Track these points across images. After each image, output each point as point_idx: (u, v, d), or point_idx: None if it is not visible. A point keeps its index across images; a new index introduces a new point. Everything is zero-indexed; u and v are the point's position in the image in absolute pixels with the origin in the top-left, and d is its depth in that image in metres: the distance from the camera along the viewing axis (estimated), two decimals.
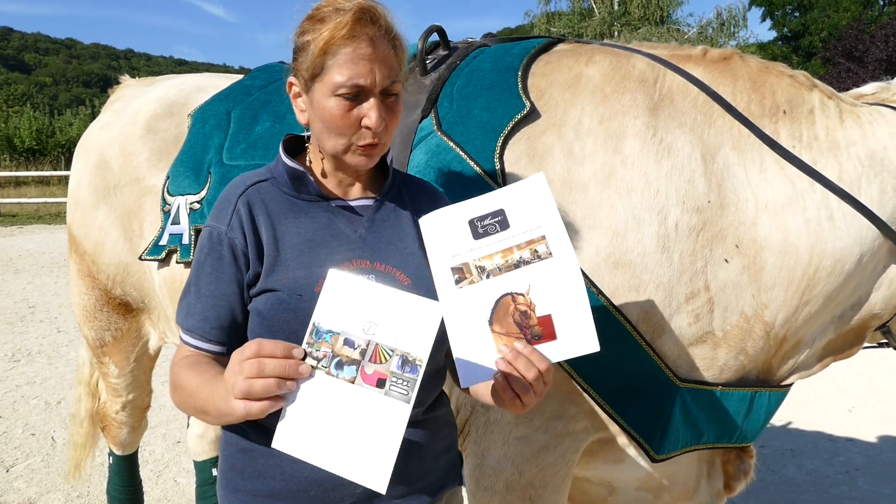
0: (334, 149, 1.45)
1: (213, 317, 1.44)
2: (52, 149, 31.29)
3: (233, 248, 1.45)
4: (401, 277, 1.48)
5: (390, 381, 1.21)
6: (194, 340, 1.46)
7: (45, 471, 4.24)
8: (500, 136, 1.92)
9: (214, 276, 1.45)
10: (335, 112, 1.40)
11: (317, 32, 1.40)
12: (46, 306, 8.46)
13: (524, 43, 2.19)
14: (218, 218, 1.48)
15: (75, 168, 2.83)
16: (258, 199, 1.49)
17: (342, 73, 1.38)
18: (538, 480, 1.93)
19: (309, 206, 1.51)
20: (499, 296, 1.37)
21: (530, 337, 1.34)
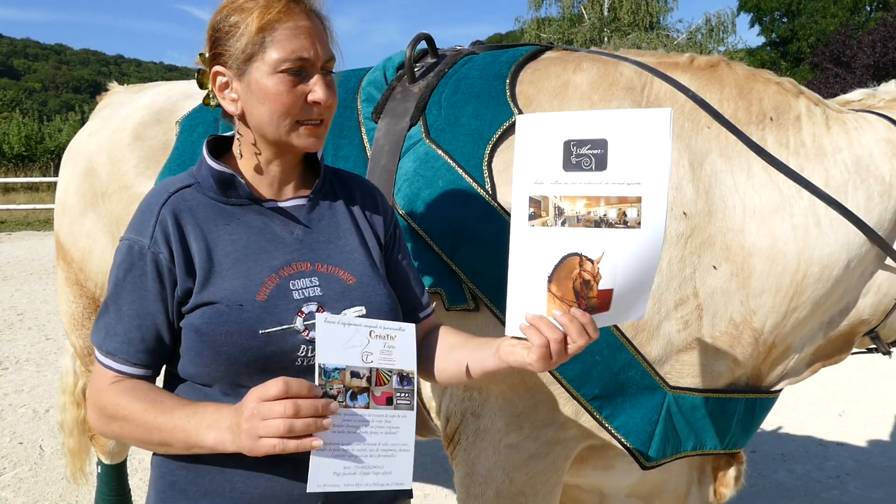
0: (278, 133, 1.37)
1: (137, 339, 1.35)
2: (42, 155, 31.13)
3: (157, 264, 1.35)
4: (345, 277, 1.43)
5: (396, 397, 1.34)
6: (117, 364, 1.35)
7: (34, 480, 4.20)
8: (489, 144, 1.92)
9: (137, 293, 1.35)
10: (280, 88, 1.33)
11: (247, 12, 1.34)
12: (35, 314, 8.41)
13: (512, 51, 2.19)
14: (139, 231, 1.37)
15: (63, 175, 2.81)
16: (184, 207, 1.39)
17: (284, 48, 1.33)
18: (528, 488, 1.92)
19: (240, 211, 1.42)
20: (568, 252, 1.26)
21: (585, 308, 1.26)
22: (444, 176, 1.92)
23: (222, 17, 1.37)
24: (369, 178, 2.01)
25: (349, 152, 2.09)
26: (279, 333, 1.33)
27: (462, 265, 1.85)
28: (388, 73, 2.23)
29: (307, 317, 1.36)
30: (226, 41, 1.36)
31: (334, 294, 1.41)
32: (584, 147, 1.26)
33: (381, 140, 2.05)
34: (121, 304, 1.36)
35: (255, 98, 1.36)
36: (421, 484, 4.23)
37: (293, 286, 1.38)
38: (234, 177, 1.41)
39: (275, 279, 1.37)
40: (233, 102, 1.40)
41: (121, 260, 1.37)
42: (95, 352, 1.38)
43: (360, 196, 1.57)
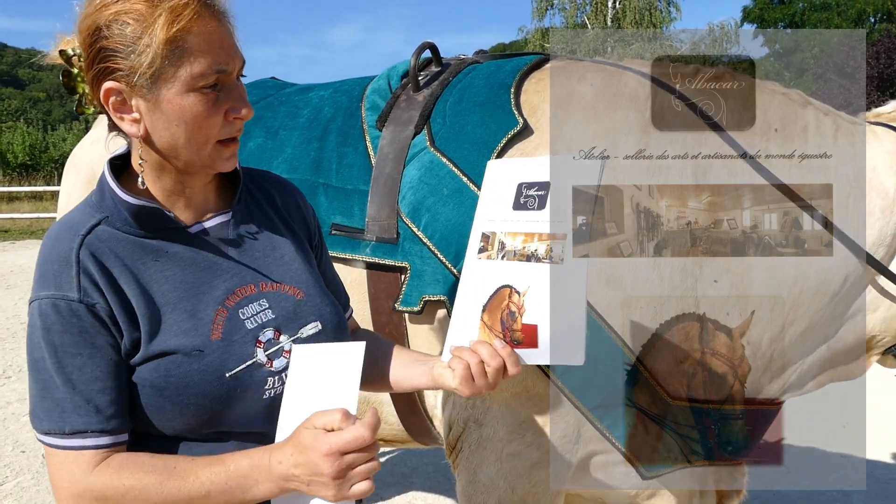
0: (198, 156, 1.20)
1: (105, 403, 1.15)
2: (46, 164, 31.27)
3: (95, 316, 1.15)
4: (292, 292, 1.31)
5: None
6: (91, 440, 1.14)
7: (36, 489, 4.20)
8: (494, 153, 1.92)
9: (86, 353, 1.14)
10: (199, 109, 1.15)
11: (147, 20, 1.11)
12: None
13: (516, 60, 2.19)
14: (58, 285, 1.14)
15: (65, 184, 2.82)
16: (102, 248, 1.18)
17: (200, 62, 1.14)
18: (530, 497, 1.92)
19: (163, 244, 1.23)
20: (501, 284, 1.31)
21: (509, 340, 1.30)
22: (448, 184, 1.92)
23: (108, 21, 1.13)
24: (373, 185, 2.01)
25: (353, 160, 2.10)
26: (245, 372, 1.22)
27: None
28: (392, 81, 2.23)
29: (266, 345, 1.25)
30: (120, 54, 1.13)
31: (287, 314, 1.30)
32: (533, 189, 1.29)
33: (386, 148, 2.05)
34: (69, 372, 1.14)
35: (168, 119, 1.16)
36: (423, 493, 4.22)
37: (243, 315, 1.25)
38: (160, 210, 1.22)
39: (223, 312, 1.23)
40: (134, 123, 1.18)
41: (49, 324, 1.14)
42: (50, 441, 1.15)
43: (281, 197, 1.44)
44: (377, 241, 1.98)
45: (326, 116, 2.23)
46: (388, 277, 1.98)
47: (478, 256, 1.36)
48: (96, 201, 1.24)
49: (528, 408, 1.88)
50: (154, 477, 1.15)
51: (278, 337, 1.27)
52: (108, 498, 1.14)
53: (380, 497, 4.15)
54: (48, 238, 1.21)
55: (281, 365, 1.27)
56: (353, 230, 2.02)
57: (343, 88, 2.34)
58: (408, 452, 4.70)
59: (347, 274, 2.01)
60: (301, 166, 2.15)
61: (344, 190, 2.07)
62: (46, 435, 1.16)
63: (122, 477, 1.14)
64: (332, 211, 2.06)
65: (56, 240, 1.19)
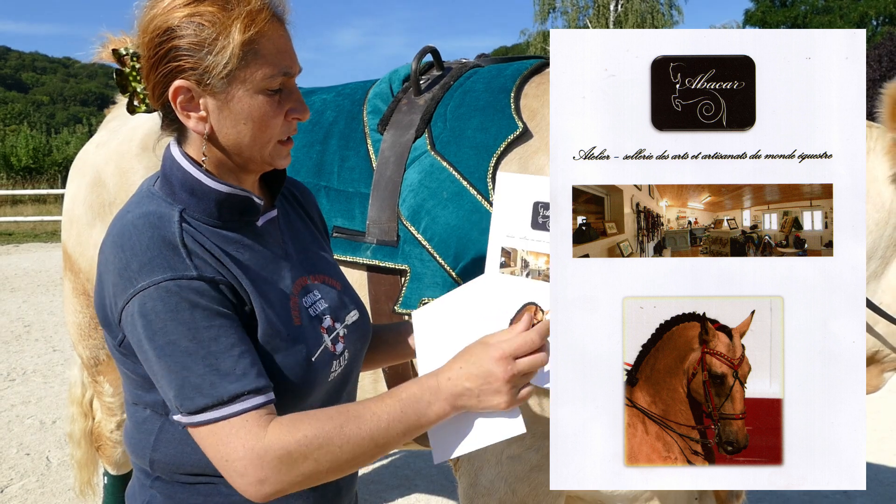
0: (261, 154, 1.26)
1: (248, 366, 1.15)
2: (49, 167, 31.30)
3: (217, 290, 1.17)
4: (333, 283, 1.40)
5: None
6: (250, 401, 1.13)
7: (40, 491, 4.21)
8: (493, 157, 1.93)
9: (217, 325, 1.15)
10: (266, 109, 1.22)
11: (224, 24, 1.17)
12: (42, 325, 8.43)
13: (517, 64, 2.21)
14: (172, 268, 1.15)
15: (70, 187, 2.84)
16: (196, 236, 1.21)
17: (271, 65, 1.20)
18: (531, 500, 1.93)
19: (236, 235, 1.27)
20: (527, 301, 1.34)
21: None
22: (448, 187, 1.93)
23: (181, 22, 1.18)
24: (374, 188, 2.03)
25: (355, 163, 2.11)
26: (320, 355, 1.29)
27: (464, 276, 1.85)
28: (394, 85, 2.25)
29: (328, 331, 1.33)
30: (195, 54, 1.18)
31: (335, 303, 1.38)
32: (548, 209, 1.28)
33: (387, 151, 2.07)
34: (207, 345, 1.13)
35: (235, 118, 1.22)
36: (426, 495, 4.23)
37: (305, 303, 1.32)
38: (250, 197, 1.28)
39: (294, 300, 1.30)
40: (200, 121, 1.23)
41: (174, 304, 1.13)
42: (209, 416, 1.13)
43: (303, 197, 1.53)
44: (378, 243, 1.99)
45: (329, 120, 2.25)
46: (389, 280, 1.99)
47: (500, 270, 1.40)
48: (165, 194, 1.26)
49: (527, 411, 1.89)
50: (331, 423, 1.15)
51: (334, 324, 1.35)
52: (291, 453, 1.12)
53: (383, 499, 4.16)
54: (135, 229, 1.19)
55: (339, 350, 1.35)
56: (354, 233, 2.03)
57: (345, 92, 2.36)
58: (411, 455, 4.71)
59: (348, 276, 2.02)
60: (303, 169, 2.17)
61: (345, 193, 2.08)
62: (203, 412, 1.13)
63: (300, 429, 1.14)
64: (334, 213, 2.07)
65: (150, 228, 1.18)
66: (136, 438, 1.31)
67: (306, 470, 1.13)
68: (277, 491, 1.14)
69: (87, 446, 3.28)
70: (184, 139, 1.30)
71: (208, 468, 1.22)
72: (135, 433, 1.31)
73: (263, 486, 1.12)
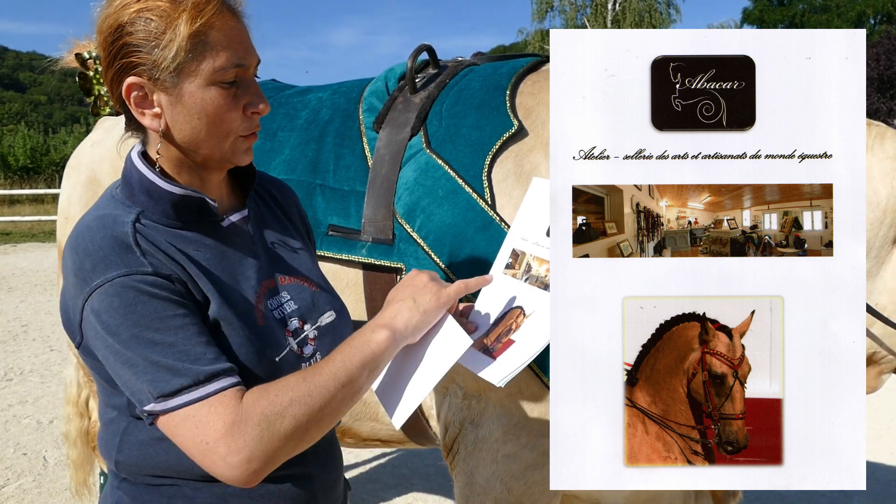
0: (219, 149, 1.23)
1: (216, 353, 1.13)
2: (47, 167, 31.25)
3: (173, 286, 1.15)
4: (307, 284, 1.38)
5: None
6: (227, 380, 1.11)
7: (37, 491, 4.20)
8: (489, 155, 1.93)
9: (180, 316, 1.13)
10: (220, 102, 1.19)
11: (171, 16, 1.15)
12: (39, 325, 8.42)
13: (513, 62, 2.20)
14: (127, 264, 1.12)
15: (66, 186, 2.83)
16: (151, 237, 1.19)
17: (221, 56, 1.17)
18: (527, 498, 1.92)
19: (198, 237, 1.25)
20: (515, 305, 1.36)
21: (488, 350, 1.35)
22: (443, 185, 1.93)
23: (132, 18, 1.16)
24: (370, 187, 2.02)
25: (350, 161, 2.11)
26: (285, 357, 1.27)
27: (459, 274, 1.85)
28: (389, 83, 2.24)
29: (294, 334, 1.31)
30: (144, 49, 1.16)
31: (306, 304, 1.36)
32: None
33: (383, 150, 2.06)
34: (175, 333, 1.11)
35: (189, 113, 1.19)
36: (423, 494, 4.23)
37: (271, 305, 1.30)
38: (204, 199, 1.25)
39: (259, 302, 1.28)
40: (155, 118, 1.20)
41: (130, 299, 1.11)
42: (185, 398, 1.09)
43: (281, 196, 1.50)
44: (373, 241, 1.98)
45: (324, 118, 2.24)
46: (384, 278, 1.98)
47: (504, 271, 1.42)
48: (125, 196, 1.25)
49: (522, 409, 1.88)
50: (294, 378, 1.15)
51: (302, 326, 1.33)
52: (267, 415, 1.10)
53: (380, 498, 4.16)
54: (89, 230, 1.18)
55: (308, 352, 1.32)
56: (349, 231, 2.02)
57: (341, 90, 2.35)
58: (408, 454, 4.70)
59: (344, 274, 2.02)
60: (298, 167, 2.16)
61: (341, 191, 2.08)
62: (180, 393, 1.09)
63: (269, 391, 1.12)
64: (329, 212, 2.07)
65: (102, 229, 1.17)
66: (104, 440, 1.30)
67: (286, 428, 1.10)
68: (265, 464, 1.10)
69: (83, 446, 3.28)
70: (146, 139, 1.28)
71: (171, 470, 1.22)
72: (103, 434, 1.31)
73: (251, 462, 1.08)
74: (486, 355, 1.34)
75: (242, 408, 1.10)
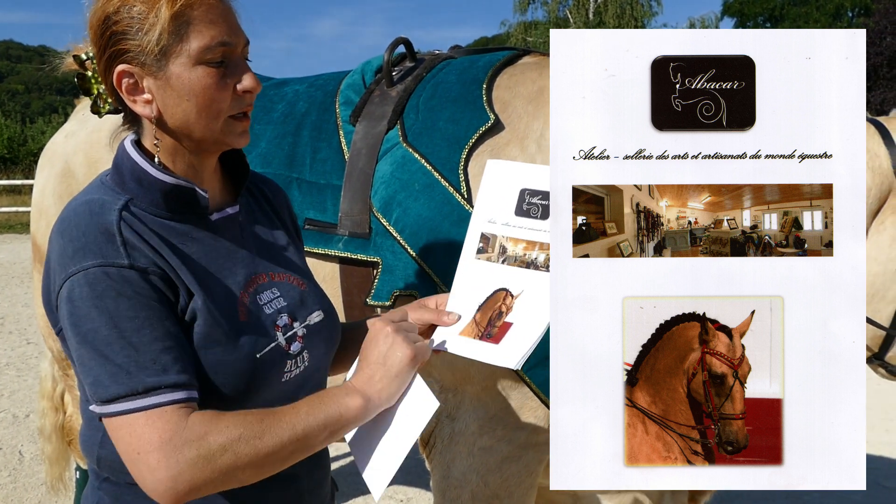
0: (210, 131, 1.22)
1: (170, 361, 1.11)
2: (24, 157, 30.90)
3: (148, 280, 1.13)
4: (296, 282, 1.36)
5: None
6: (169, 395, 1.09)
7: (13, 486, 4.17)
8: (465, 148, 1.93)
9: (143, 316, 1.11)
10: (208, 81, 1.19)
11: (153, 1, 1.16)
12: (16, 317, 8.34)
13: (489, 55, 2.20)
14: (104, 255, 1.12)
15: (39, 177, 2.80)
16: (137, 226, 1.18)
17: (205, 35, 1.18)
18: (503, 491, 1.93)
19: (187, 228, 1.25)
20: (498, 287, 1.33)
21: (485, 335, 1.32)
22: (420, 179, 1.92)
23: (116, 7, 1.18)
24: (346, 180, 2.02)
25: (327, 155, 2.10)
26: (269, 354, 1.25)
27: (435, 268, 1.85)
28: (366, 76, 2.23)
29: (283, 329, 1.29)
30: (129, 35, 1.17)
31: (295, 302, 1.35)
32: (536, 197, 1.29)
33: (359, 143, 2.05)
34: (128, 336, 1.10)
35: (178, 95, 1.19)
36: (404, 487, 4.23)
37: (260, 300, 1.29)
38: (195, 189, 1.25)
39: (245, 296, 1.27)
40: (146, 104, 1.21)
41: (100, 291, 1.11)
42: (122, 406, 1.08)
43: (273, 195, 1.50)
44: (350, 235, 1.98)
45: (301, 111, 2.23)
46: (361, 272, 1.98)
47: (476, 257, 1.39)
48: (115, 184, 1.25)
49: (498, 402, 1.89)
50: (252, 416, 1.12)
51: (292, 322, 1.31)
52: (210, 444, 1.07)
53: (361, 492, 4.16)
54: (76, 215, 1.18)
55: (296, 349, 1.31)
56: (326, 225, 2.02)
57: (318, 83, 2.34)
58: None
59: (320, 268, 2.01)
60: (275, 161, 2.15)
61: (317, 185, 2.07)
62: (115, 402, 1.08)
63: (221, 420, 1.10)
64: (306, 206, 2.06)
65: (89, 215, 1.17)
66: (86, 435, 1.29)
67: (224, 463, 1.08)
68: (191, 490, 1.07)
69: (59, 441, 3.25)
70: (140, 130, 1.28)
71: None
72: (85, 430, 1.29)
73: (176, 482, 1.05)
74: (487, 341, 1.31)
75: (185, 427, 1.08)
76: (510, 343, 1.27)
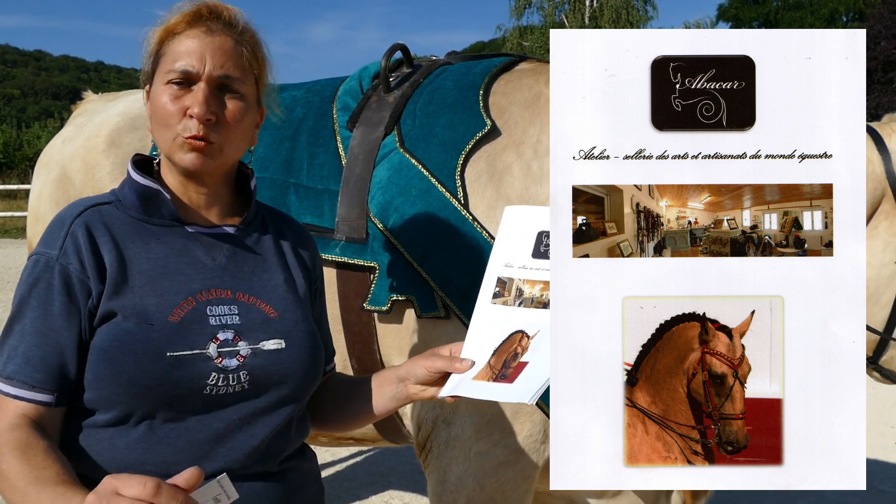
0: (164, 143, 1.31)
1: (36, 358, 1.22)
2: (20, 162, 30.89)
3: (65, 276, 1.24)
4: (266, 309, 1.35)
5: None
6: (15, 389, 1.20)
7: None
8: (462, 154, 1.94)
9: (41, 310, 1.23)
10: (163, 99, 1.29)
11: (154, 33, 1.35)
12: None
13: (486, 61, 2.21)
14: (47, 244, 1.28)
15: (36, 183, 2.80)
16: (98, 220, 1.30)
17: (173, 59, 1.30)
18: (499, 495, 1.93)
19: (161, 231, 1.33)
20: (514, 330, 1.31)
21: (499, 376, 1.28)
22: (416, 185, 1.93)
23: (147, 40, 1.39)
24: (344, 185, 2.02)
25: (324, 160, 2.10)
26: (189, 358, 1.24)
27: (432, 273, 1.86)
28: (363, 82, 2.24)
29: (222, 344, 1.28)
30: (144, 59, 1.39)
31: (253, 324, 1.32)
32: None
33: (356, 149, 2.06)
34: (24, 322, 1.24)
35: (151, 109, 1.35)
36: (400, 492, 4.24)
37: (210, 311, 1.30)
38: (160, 193, 1.33)
39: (191, 302, 1.29)
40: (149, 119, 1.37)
41: (26, 276, 1.27)
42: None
43: (294, 237, 1.50)
44: (347, 240, 1.98)
45: (298, 116, 2.24)
46: (358, 277, 1.98)
47: (492, 301, 1.37)
48: (117, 189, 1.39)
49: (494, 407, 1.89)
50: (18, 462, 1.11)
51: (237, 341, 1.30)
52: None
53: (357, 497, 4.16)
54: (65, 207, 1.35)
55: (231, 366, 1.29)
56: (323, 230, 2.02)
57: (315, 89, 2.35)
58: (385, 452, 4.70)
59: None
60: (272, 166, 2.16)
61: (314, 190, 2.08)
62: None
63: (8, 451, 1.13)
64: (303, 211, 2.07)
65: (65, 208, 1.33)
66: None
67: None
68: None
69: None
70: None
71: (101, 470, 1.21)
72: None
73: None
74: (501, 382, 1.27)
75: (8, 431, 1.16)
76: (524, 380, 1.24)
